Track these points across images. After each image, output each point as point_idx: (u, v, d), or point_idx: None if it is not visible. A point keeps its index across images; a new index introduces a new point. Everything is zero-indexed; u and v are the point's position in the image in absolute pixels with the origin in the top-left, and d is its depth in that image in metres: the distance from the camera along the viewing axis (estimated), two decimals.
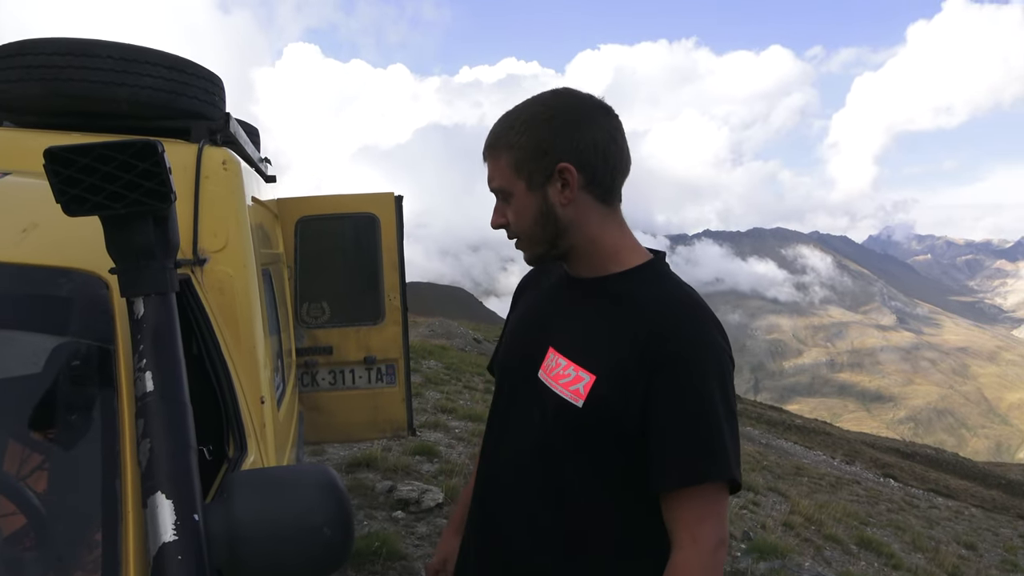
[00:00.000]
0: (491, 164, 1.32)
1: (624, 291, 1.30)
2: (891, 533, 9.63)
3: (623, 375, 1.22)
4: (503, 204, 1.34)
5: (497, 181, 1.32)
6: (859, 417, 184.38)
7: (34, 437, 1.17)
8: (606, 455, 1.27)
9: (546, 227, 1.31)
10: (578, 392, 1.26)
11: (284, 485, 1.15)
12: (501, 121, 1.32)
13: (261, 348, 2.13)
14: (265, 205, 3.05)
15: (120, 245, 1.16)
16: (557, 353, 1.32)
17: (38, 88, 2.04)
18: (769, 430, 25.88)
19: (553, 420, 1.30)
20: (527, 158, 1.28)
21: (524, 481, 1.36)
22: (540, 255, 1.36)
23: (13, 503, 1.11)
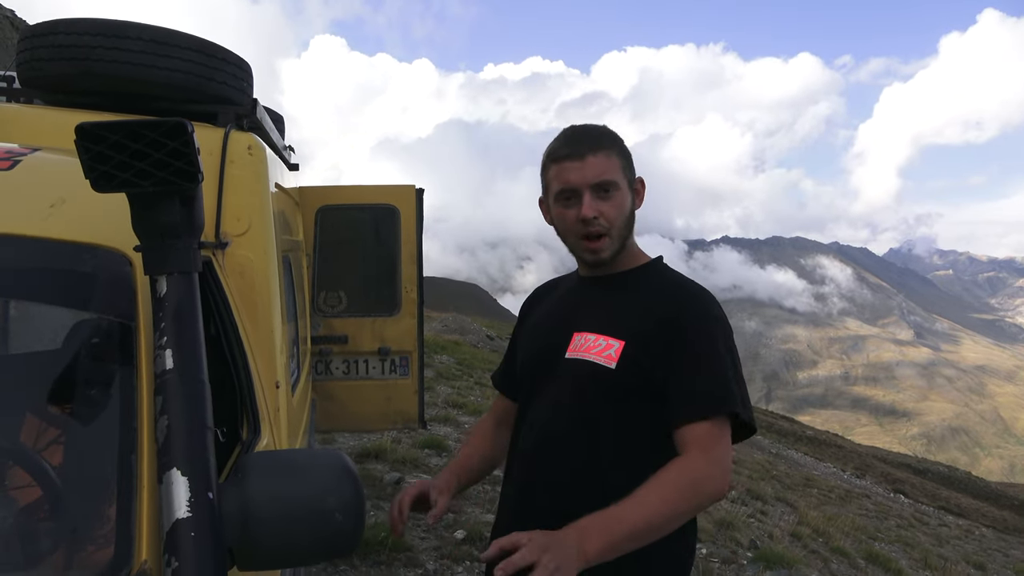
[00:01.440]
0: (602, 159, 1.49)
1: (642, 281, 1.56)
2: (899, 549, 9.54)
3: (647, 340, 1.44)
4: (597, 198, 1.48)
5: (610, 174, 1.49)
6: (871, 431, 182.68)
7: (53, 410, 1.18)
8: (638, 411, 1.44)
9: (629, 225, 1.54)
10: (610, 356, 1.44)
11: (299, 468, 1.15)
12: (590, 129, 1.54)
13: (278, 333, 2.14)
14: (287, 192, 3.06)
15: (146, 223, 1.17)
16: (583, 333, 1.51)
17: (69, 67, 2.06)
18: (780, 440, 25.70)
19: (588, 385, 1.46)
20: (627, 164, 1.54)
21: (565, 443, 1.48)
22: (615, 252, 1.53)
23: (30, 475, 1.12)
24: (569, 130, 1.54)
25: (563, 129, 1.56)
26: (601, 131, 1.54)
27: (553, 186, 1.53)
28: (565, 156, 1.50)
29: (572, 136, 1.53)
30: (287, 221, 2.98)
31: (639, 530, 1.27)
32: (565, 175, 1.49)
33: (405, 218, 3.95)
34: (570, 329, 1.54)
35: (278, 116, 3.56)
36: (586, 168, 1.48)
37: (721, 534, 5.95)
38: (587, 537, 1.23)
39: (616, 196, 1.50)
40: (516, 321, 1.81)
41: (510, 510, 1.61)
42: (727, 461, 1.39)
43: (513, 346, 1.78)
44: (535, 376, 1.59)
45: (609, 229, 1.50)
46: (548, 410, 1.54)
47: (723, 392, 1.40)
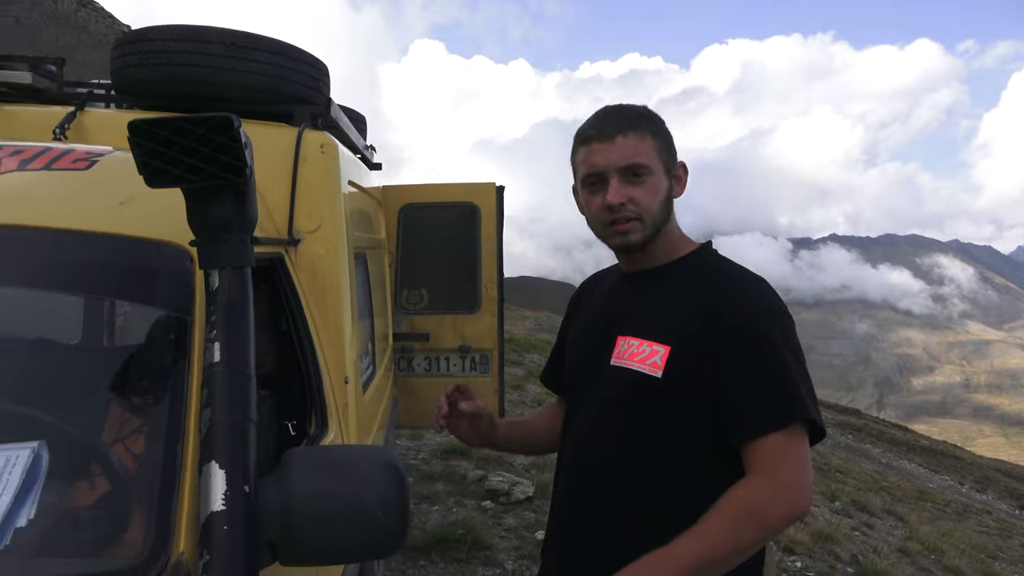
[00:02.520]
0: (633, 141, 1.35)
1: (685, 273, 1.41)
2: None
3: (696, 344, 1.30)
4: (627, 183, 1.36)
5: (641, 157, 1.36)
6: (995, 443, 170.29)
7: (109, 400, 1.22)
8: (685, 421, 1.32)
9: (663, 211, 1.40)
10: (656, 364, 1.32)
11: (341, 464, 1.14)
12: (625, 109, 1.41)
13: (348, 329, 2.16)
14: (366, 191, 3.11)
15: (199, 218, 1.19)
16: (627, 337, 1.39)
17: (154, 73, 2.16)
18: (891, 449, 24.32)
19: (634, 395, 1.35)
20: (665, 146, 1.40)
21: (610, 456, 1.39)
22: (647, 238, 1.40)
23: (80, 462, 1.16)
24: (601, 110, 1.42)
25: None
26: (636, 110, 1.41)
27: (580, 170, 1.41)
28: (593, 137, 1.37)
29: (602, 116, 1.40)
30: (365, 219, 3.03)
31: (698, 568, 1.18)
32: (591, 158, 1.37)
33: (486, 216, 3.95)
34: (614, 332, 1.42)
35: (359, 116, 3.63)
36: (614, 150, 1.34)
37: (819, 547, 5.65)
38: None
39: (649, 181, 1.36)
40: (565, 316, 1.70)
41: (555, 525, 1.55)
42: (801, 478, 1.24)
43: (561, 343, 1.68)
44: (581, 383, 1.49)
45: (640, 215, 1.36)
46: (591, 423, 1.44)
47: (789, 399, 1.26)
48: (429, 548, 3.93)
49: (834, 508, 8.65)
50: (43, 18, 9.02)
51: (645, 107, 1.43)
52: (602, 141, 1.36)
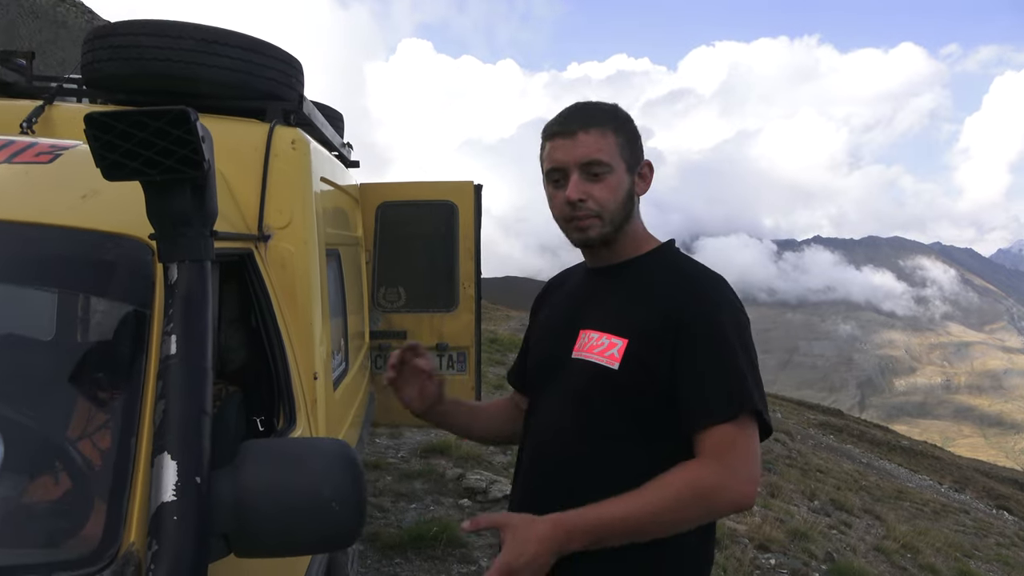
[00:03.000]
0: (595, 138, 1.37)
1: (646, 269, 1.44)
2: (998, 569, 8.93)
3: (652, 337, 1.33)
4: (587, 180, 1.38)
5: (603, 154, 1.37)
6: (975, 443, 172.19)
7: (65, 393, 1.22)
8: (643, 413, 1.35)
9: (623, 209, 1.41)
10: (613, 356, 1.35)
11: (297, 457, 1.15)
12: (589, 106, 1.43)
13: (318, 325, 2.17)
14: (341, 188, 3.11)
15: (158, 212, 1.19)
16: (588, 331, 1.42)
17: (124, 67, 2.15)
18: (871, 449, 24.55)
19: (593, 387, 1.37)
20: (629, 144, 1.42)
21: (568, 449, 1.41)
22: (606, 235, 1.42)
23: (29, 454, 1.16)
24: (568, 106, 1.44)
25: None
26: (601, 107, 1.42)
27: (544, 165, 1.43)
28: (557, 132, 1.39)
29: (567, 112, 1.42)
30: (338, 216, 3.03)
31: (632, 536, 1.23)
32: (554, 153, 1.39)
33: (463, 214, 3.95)
34: (576, 327, 1.45)
35: (336, 113, 3.63)
36: (576, 146, 1.36)
37: (794, 544, 5.70)
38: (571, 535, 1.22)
39: (608, 179, 1.38)
40: (531, 313, 1.72)
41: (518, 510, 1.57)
42: (749, 467, 1.26)
43: (527, 343, 1.70)
44: (544, 377, 1.51)
45: (600, 212, 1.38)
46: (551, 416, 1.46)
47: (739, 392, 1.28)
48: (405, 546, 3.93)
49: (813, 507, 8.73)
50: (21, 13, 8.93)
51: (614, 105, 1.45)
52: (565, 137, 1.38)
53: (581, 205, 1.38)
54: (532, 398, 1.56)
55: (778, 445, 15.11)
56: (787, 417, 24.05)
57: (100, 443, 1.13)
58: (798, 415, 27.35)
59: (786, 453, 14.28)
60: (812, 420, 27.28)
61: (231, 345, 2.29)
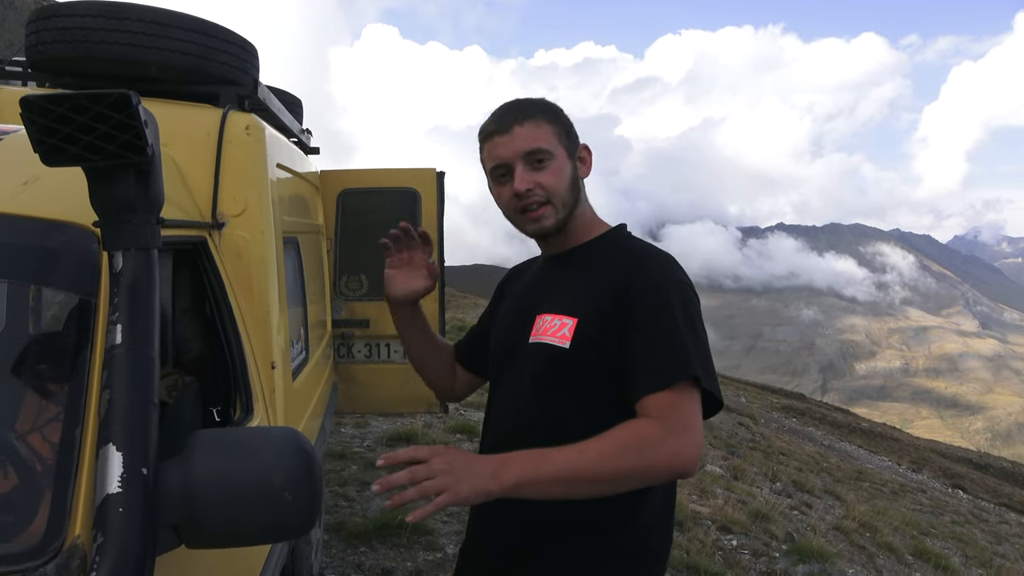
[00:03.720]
0: (530, 129, 1.41)
1: (597, 252, 1.48)
2: (953, 546, 9.20)
3: (601, 314, 1.36)
4: (531, 169, 1.41)
5: (542, 142, 1.41)
6: (932, 425, 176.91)
7: (7, 384, 1.19)
8: (596, 389, 1.37)
9: (571, 193, 1.45)
10: (564, 336, 1.38)
11: (247, 446, 1.13)
12: (518, 102, 1.47)
13: (275, 314, 2.14)
14: (300, 175, 3.07)
15: (102, 198, 1.16)
16: (544, 315, 1.45)
17: (70, 50, 2.09)
18: (832, 431, 25.10)
19: (547, 368, 1.40)
20: (565, 131, 1.46)
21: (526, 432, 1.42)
22: (560, 222, 1.45)
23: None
24: (498, 107, 1.48)
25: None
26: (531, 102, 1.46)
27: (487, 165, 1.46)
28: (493, 131, 1.43)
29: (499, 112, 1.45)
30: (297, 203, 2.98)
31: (566, 477, 1.20)
32: (495, 151, 1.42)
33: (426, 201, 3.92)
34: (534, 312, 1.48)
35: (295, 99, 3.57)
36: (514, 140, 1.40)
37: (756, 525, 5.81)
38: (508, 465, 1.19)
39: (552, 165, 1.41)
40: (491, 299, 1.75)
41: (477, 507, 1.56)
42: (691, 434, 1.24)
43: (484, 326, 1.72)
44: (504, 364, 1.53)
45: (549, 198, 1.41)
46: (510, 399, 1.49)
47: (679, 358, 1.28)
48: (370, 535, 3.92)
49: (775, 489, 8.90)
50: None
51: (541, 99, 1.49)
52: (502, 134, 1.42)
53: (530, 193, 1.40)
54: (492, 386, 1.59)
55: (742, 429, 15.36)
56: (751, 401, 24.46)
57: (44, 435, 1.10)
58: (762, 399, 27.83)
59: (750, 436, 14.53)
60: (775, 404, 27.79)
61: (186, 335, 2.25)
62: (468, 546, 1.63)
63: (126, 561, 0.93)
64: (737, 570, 4.67)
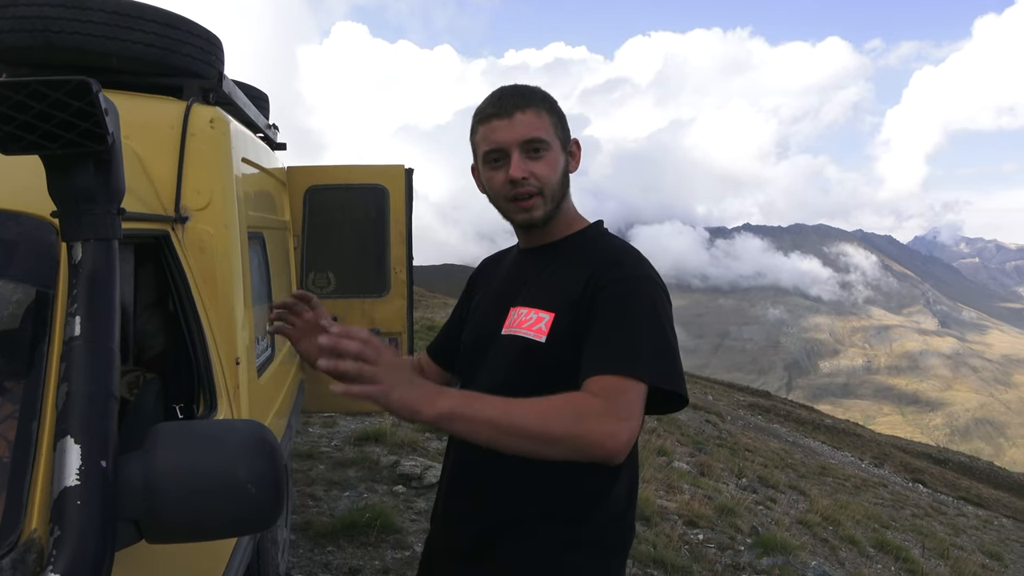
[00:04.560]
0: (532, 117, 1.40)
1: (574, 248, 1.48)
2: (913, 538, 9.42)
3: (575, 309, 1.36)
4: (527, 158, 1.40)
5: (540, 132, 1.40)
6: (893, 421, 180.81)
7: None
8: (569, 384, 1.32)
9: (562, 186, 1.45)
10: (540, 330, 1.38)
11: (210, 439, 1.12)
12: (521, 88, 1.45)
13: (239, 309, 2.11)
14: (266, 170, 3.03)
15: (60, 188, 1.13)
16: (518, 307, 1.45)
17: (30, 39, 2.04)
18: (797, 428, 25.51)
19: (521, 361, 1.40)
20: (560, 124, 1.46)
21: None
22: (548, 214, 1.45)
23: None
24: (497, 90, 1.45)
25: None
26: (531, 89, 1.45)
27: (481, 148, 1.44)
28: (493, 114, 1.41)
29: (499, 95, 1.43)
30: (263, 199, 2.95)
31: (498, 421, 1.16)
32: (492, 135, 1.40)
33: (394, 198, 3.91)
34: (507, 304, 1.47)
35: (261, 94, 3.53)
36: (514, 126, 1.39)
37: (722, 520, 5.89)
38: (445, 394, 1.16)
39: (548, 156, 1.41)
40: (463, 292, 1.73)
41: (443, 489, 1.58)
42: (631, 421, 1.22)
43: (455, 318, 1.71)
44: (476, 355, 1.52)
45: (541, 189, 1.41)
46: (488, 382, 1.46)
47: (636, 350, 1.27)
48: (337, 533, 3.89)
49: (740, 484, 9.03)
50: None
51: (538, 87, 1.47)
52: (501, 118, 1.40)
53: (524, 182, 1.39)
54: (464, 378, 1.57)
55: (709, 426, 15.55)
56: (718, 399, 24.76)
57: (4, 426, 1.08)
58: (728, 397, 28.19)
59: (716, 433, 14.71)
60: (741, 401, 28.16)
61: (149, 331, 2.21)
62: (433, 541, 1.63)
63: (84, 554, 0.92)
64: (703, 563, 4.73)
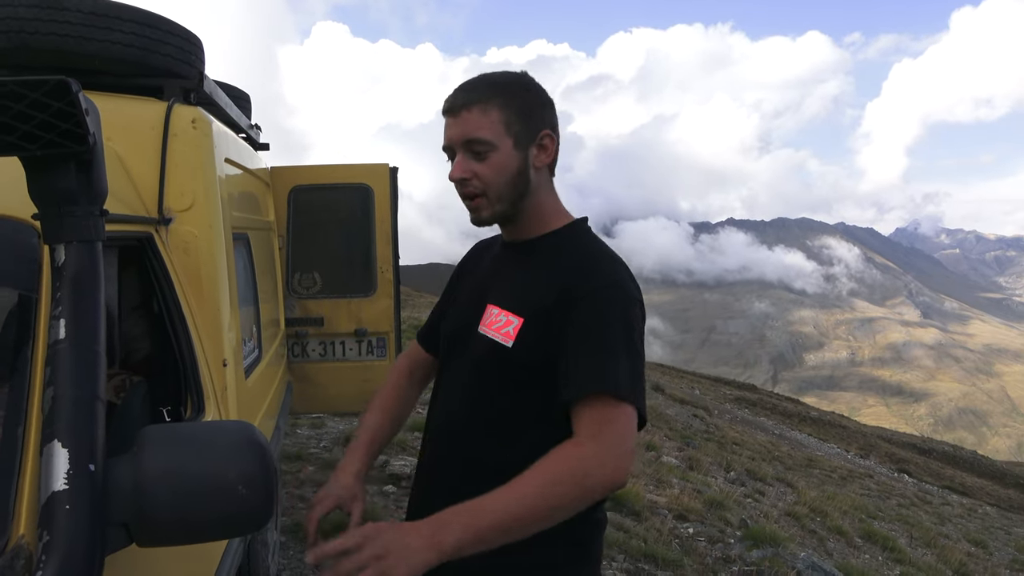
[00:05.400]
0: (476, 116, 1.34)
1: (552, 247, 1.43)
2: (899, 528, 9.52)
3: (546, 315, 1.32)
4: (471, 159, 1.36)
5: (484, 132, 1.34)
6: (878, 412, 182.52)
7: None
8: (535, 389, 1.34)
9: (517, 187, 1.38)
10: (508, 334, 1.36)
11: (200, 441, 1.11)
12: (479, 80, 1.37)
13: (225, 310, 2.10)
14: (249, 171, 3.01)
15: (41, 190, 1.12)
16: (493, 306, 1.42)
17: (5, 41, 2.01)
18: (783, 421, 25.69)
19: (489, 363, 1.38)
20: (517, 118, 1.36)
21: (468, 426, 1.42)
22: (500, 213, 1.41)
23: None
24: (463, 82, 1.39)
25: None
26: (490, 82, 1.36)
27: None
28: (446, 110, 1.37)
29: (457, 88, 1.38)
30: (247, 199, 2.93)
31: (506, 523, 1.14)
32: (445, 130, 1.37)
33: (379, 198, 3.89)
34: (485, 300, 1.44)
35: (242, 94, 3.50)
36: (458, 124, 1.35)
37: (711, 513, 5.92)
38: (445, 528, 1.11)
39: (492, 157, 1.34)
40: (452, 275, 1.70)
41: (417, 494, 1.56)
42: (622, 444, 1.21)
43: (443, 302, 1.69)
44: (454, 348, 1.51)
45: (484, 190, 1.36)
46: (454, 388, 1.47)
47: (612, 368, 1.25)
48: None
49: (729, 478, 9.08)
50: None
51: (506, 77, 1.39)
52: (450, 115, 1.37)
53: (464, 183, 1.37)
54: (441, 367, 1.57)
55: (697, 420, 15.63)
56: (705, 393, 24.89)
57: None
58: (715, 391, 28.34)
59: (704, 428, 14.79)
60: (728, 395, 28.32)
61: (134, 334, 2.19)
62: None
63: (73, 559, 0.90)
64: (694, 557, 4.75)
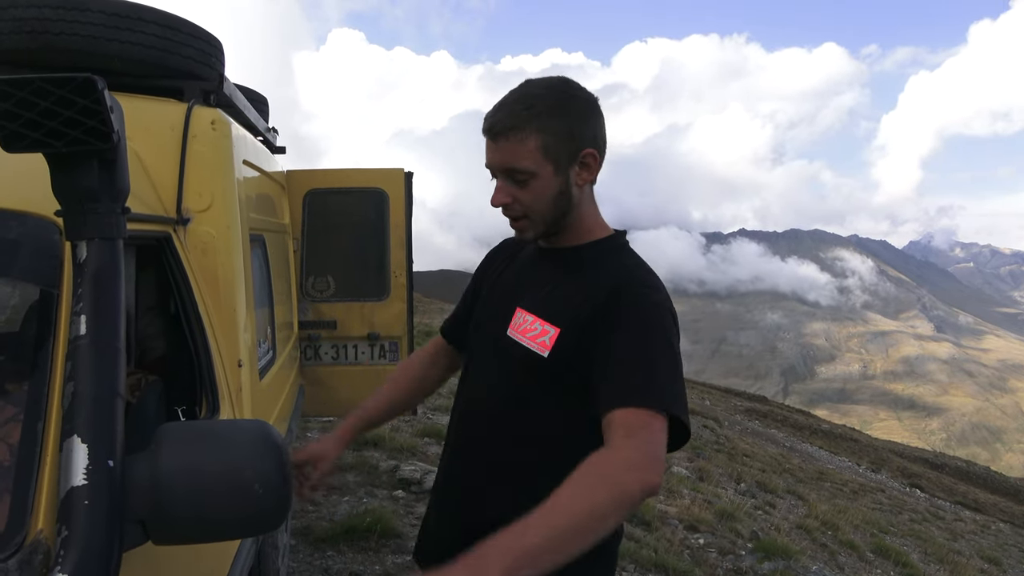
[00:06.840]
0: (515, 145, 1.32)
1: (589, 258, 1.42)
2: (911, 543, 9.41)
3: (582, 328, 1.32)
4: (512, 184, 1.35)
5: (523, 162, 1.32)
6: (890, 426, 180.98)
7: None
8: (569, 401, 1.34)
9: (559, 207, 1.38)
10: (544, 344, 1.35)
11: (217, 439, 1.11)
12: (516, 103, 1.33)
13: (242, 311, 2.10)
14: (266, 173, 3.03)
15: (64, 187, 1.13)
16: (524, 311, 1.42)
17: (29, 41, 2.03)
18: (794, 433, 25.50)
19: (522, 370, 1.38)
20: (556, 141, 1.33)
21: (495, 430, 1.43)
22: (541, 234, 1.42)
23: None
24: (502, 99, 1.36)
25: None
26: (528, 100, 1.32)
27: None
28: (485, 130, 1.36)
29: (496, 108, 1.35)
30: (264, 201, 2.94)
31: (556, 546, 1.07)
32: (486, 151, 1.36)
33: (394, 202, 3.90)
34: (515, 303, 1.44)
35: (260, 97, 3.53)
36: (496, 152, 1.34)
37: (722, 525, 5.88)
38: (485, 562, 1.04)
39: (532, 184, 1.33)
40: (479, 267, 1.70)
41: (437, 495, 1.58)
42: (656, 450, 1.18)
43: (470, 295, 1.68)
44: (479, 345, 1.52)
45: (527, 214, 1.37)
46: (482, 391, 1.47)
47: (656, 385, 1.23)
48: (337, 538, 3.87)
49: (739, 489, 9.01)
50: None
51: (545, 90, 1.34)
52: (489, 138, 1.36)
53: (506, 208, 1.38)
54: (467, 363, 1.57)
55: (706, 431, 15.54)
56: (715, 404, 24.75)
57: (4, 429, 1.07)
58: (725, 402, 28.18)
59: (714, 439, 14.70)
60: (739, 407, 28.16)
61: (150, 333, 2.20)
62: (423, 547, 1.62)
63: (92, 554, 0.91)
64: (705, 568, 4.72)
